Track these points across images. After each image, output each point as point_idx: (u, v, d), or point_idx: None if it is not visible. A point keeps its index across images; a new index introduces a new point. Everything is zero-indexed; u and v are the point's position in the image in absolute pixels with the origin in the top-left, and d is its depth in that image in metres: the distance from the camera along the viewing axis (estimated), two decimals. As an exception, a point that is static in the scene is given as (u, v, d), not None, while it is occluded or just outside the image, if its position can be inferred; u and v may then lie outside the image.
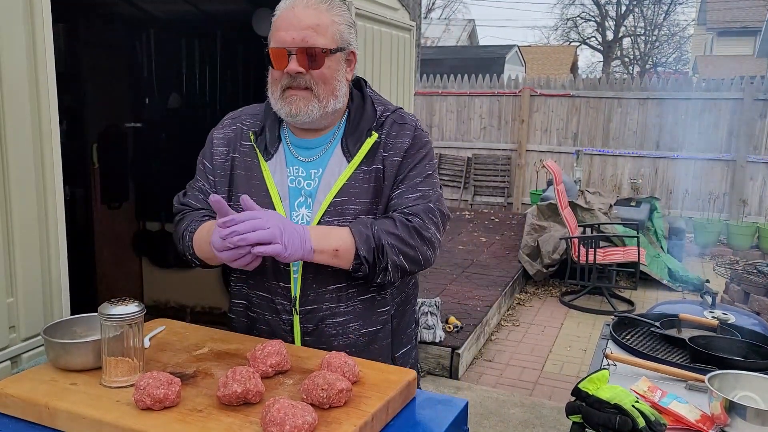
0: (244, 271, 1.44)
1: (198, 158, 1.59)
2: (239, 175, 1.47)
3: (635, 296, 5.85)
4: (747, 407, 1.53)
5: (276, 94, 1.42)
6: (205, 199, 1.49)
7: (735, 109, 8.20)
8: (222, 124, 1.58)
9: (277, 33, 1.40)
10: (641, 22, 28.21)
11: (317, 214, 1.41)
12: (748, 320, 2.56)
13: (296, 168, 1.46)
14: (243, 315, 1.52)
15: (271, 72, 1.43)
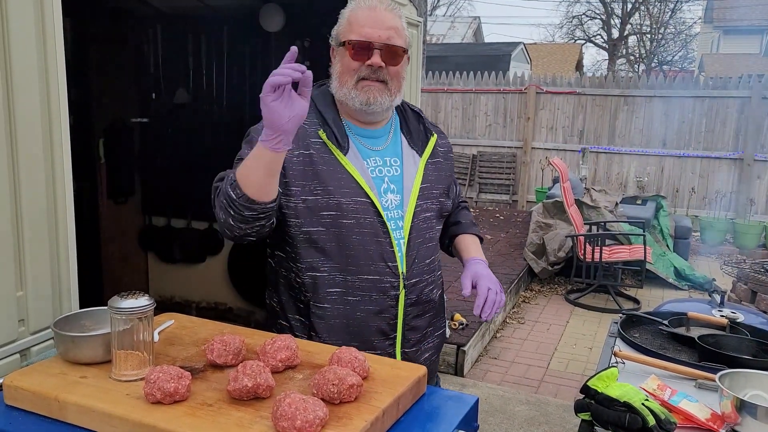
0: (342, 260, 1.52)
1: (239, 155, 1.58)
2: (323, 171, 1.51)
3: (641, 295, 5.84)
4: (758, 406, 1.52)
5: (349, 84, 1.53)
6: None
7: (742, 107, 8.16)
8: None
9: (360, 29, 1.51)
10: (647, 20, 28.10)
11: (411, 198, 1.58)
12: (756, 319, 2.55)
13: (373, 159, 1.58)
14: (339, 302, 1.54)
15: (345, 63, 1.53)
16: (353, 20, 1.53)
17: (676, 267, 6.19)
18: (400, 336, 1.60)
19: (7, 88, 1.52)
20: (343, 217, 1.50)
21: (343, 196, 1.50)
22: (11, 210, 1.55)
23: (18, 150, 1.55)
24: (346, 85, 1.53)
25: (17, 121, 1.54)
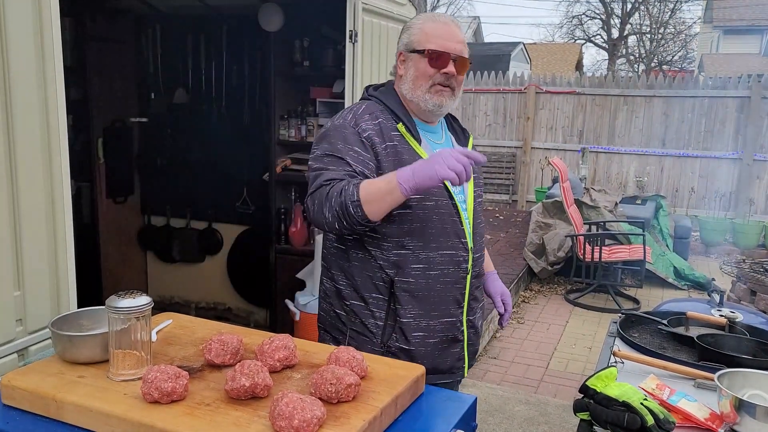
0: (425, 238, 1.70)
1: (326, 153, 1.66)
2: (407, 160, 1.67)
3: (640, 294, 5.84)
4: (756, 405, 1.51)
5: (423, 87, 1.72)
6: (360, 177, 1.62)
7: (742, 107, 8.16)
8: (357, 118, 1.71)
9: (437, 40, 1.71)
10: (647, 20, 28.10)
11: (469, 184, 1.82)
12: (756, 319, 2.55)
13: (438, 149, 1.74)
14: (422, 276, 1.71)
15: (422, 69, 1.71)
16: (429, 32, 1.72)
17: (675, 267, 6.18)
18: (466, 305, 1.81)
19: (5, 88, 1.52)
20: (426, 200, 1.68)
21: None
22: (9, 210, 1.55)
23: (16, 150, 1.55)
24: (420, 88, 1.72)
25: (15, 121, 1.54)
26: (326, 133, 1.71)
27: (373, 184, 1.54)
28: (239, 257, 4.33)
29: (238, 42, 4.05)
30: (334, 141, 1.67)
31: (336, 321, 1.79)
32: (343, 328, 1.77)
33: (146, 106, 4.30)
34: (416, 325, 1.72)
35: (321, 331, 1.88)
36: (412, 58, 1.73)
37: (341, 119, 1.73)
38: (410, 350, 1.71)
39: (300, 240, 3.92)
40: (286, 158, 3.89)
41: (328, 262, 1.81)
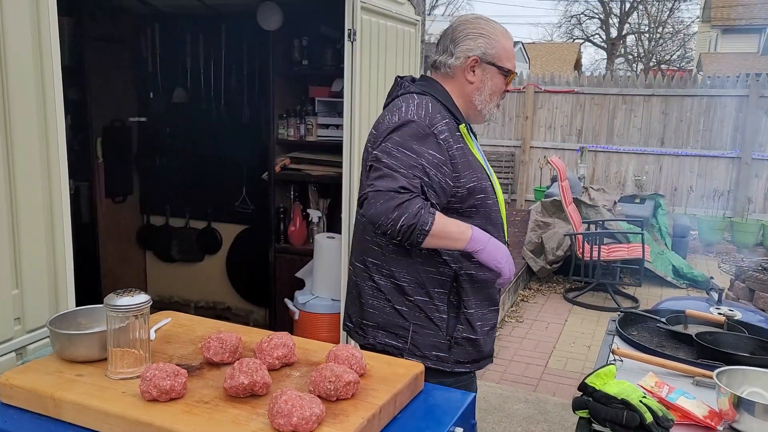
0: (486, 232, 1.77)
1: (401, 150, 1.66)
2: (472, 160, 1.77)
3: (639, 293, 5.84)
4: (755, 403, 1.51)
5: (494, 102, 1.84)
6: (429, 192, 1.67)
7: (740, 106, 8.16)
8: (431, 117, 1.72)
9: (512, 61, 1.82)
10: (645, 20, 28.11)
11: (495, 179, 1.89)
12: (754, 317, 2.55)
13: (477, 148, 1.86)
14: (481, 269, 1.78)
15: (498, 86, 1.82)
16: (508, 50, 1.81)
17: (674, 265, 6.19)
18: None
19: (3, 88, 1.52)
20: (488, 198, 1.79)
21: (485, 181, 1.78)
22: (7, 208, 1.55)
23: (14, 149, 1.55)
24: (492, 102, 1.83)
25: (13, 121, 1.54)
26: (401, 126, 1.69)
27: (447, 225, 1.63)
28: (238, 257, 4.33)
29: (237, 41, 4.05)
30: (410, 139, 1.66)
31: (395, 317, 1.79)
32: (405, 323, 1.78)
33: (145, 105, 4.29)
34: (480, 315, 1.83)
35: (370, 329, 1.84)
36: (489, 70, 1.79)
37: (414, 115, 1.70)
38: (476, 339, 1.82)
39: (299, 239, 3.92)
40: (285, 157, 3.89)
41: (382, 260, 1.80)
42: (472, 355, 1.84)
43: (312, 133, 3.79)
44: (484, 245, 1.67)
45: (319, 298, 3.41)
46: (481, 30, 1.79)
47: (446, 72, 1.82)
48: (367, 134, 3.03)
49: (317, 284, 3.45)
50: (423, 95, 1.78)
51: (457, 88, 1.81)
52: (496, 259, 1.69)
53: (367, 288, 1.82)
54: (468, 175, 1.74)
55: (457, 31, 1.80)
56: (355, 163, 2.96)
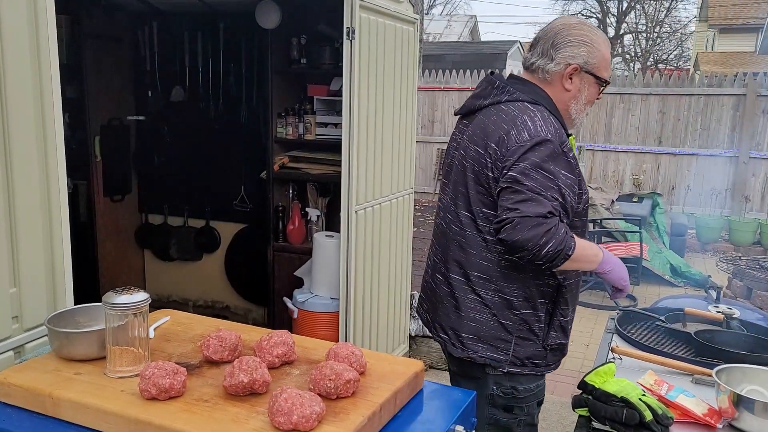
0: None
1: (540, 172, 1.64)
2: (579, 173, 1.76)
3: (637, 292, 5.84)
4: (755, 401, 1.52)
5: (582, 111, 1.82)
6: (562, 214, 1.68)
7: (737, 105, 8.17)
8: (557, 138, 1.69)
9: (607, 61, 1.79)
10: (642, 19, 28.14)
11: None
12: (752, 315, 2.55)
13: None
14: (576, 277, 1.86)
15: (593, 95, 1.81)
16: (607, 60, 1.78)
17: (672, 264, 6.19)
18: None
19: (1, 86, 1.51)
20: (588, 208, 1.84)
21: (586, 191, 1.80)
22: (5, 207, 1.54)
23: (11, 147, 1.54)
24: (583, 111, 1.82)
25: (10, 119, 1.53)
26: (537, 145, 1.65)
27: (585, 249, 1.68)
28: (237, 255, 4.32)
29: (235, 40, 4.04)
30: (547, 160, 1.64)
31: (499, 331, 1.78)
32: (508, 337, 1.78)
33: (143, 104, 4.28)
34: (570, 320, 1.89)
35: (470, 342, 1.80)
36: (587, 80, 1.76)
37: (547, 133, 1.67)
38: (566, 344, 1.89)
39: (298, 238, 3.92)
40: (284, 156, 3.89)
41: (491, 276, 1.77)
42: (558, 357, 1.90)
43: (311, 131, 3.78)
44: (612, 266, 1.73)
45: (318, 297, 3.41)
46: (584, 37, 1.74)
47: (543, 77, 1.77)
48: (365, 132, 3.05)
49: (316, 283, 3.44)
50: (536, 105, 1.74)
51: (555, 94, 1.78)
52: (623, 278, 1.75)
53: (468, 302, 1.79)
54: (585, 189, 1.78)
55: (560, 36, 1.74)
56: (353, 162, 2.95)
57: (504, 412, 1.84)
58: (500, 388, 1.81)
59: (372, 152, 3.14)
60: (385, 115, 3.24)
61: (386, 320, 3.52)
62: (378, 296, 3.36)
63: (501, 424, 1.84)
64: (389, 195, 3.40)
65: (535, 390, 1.85)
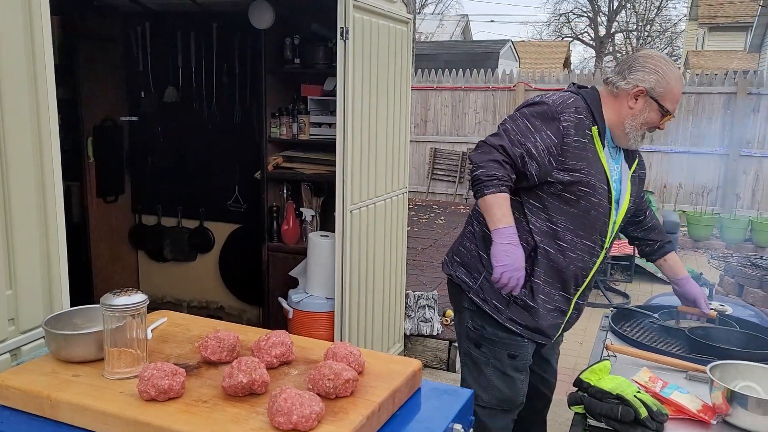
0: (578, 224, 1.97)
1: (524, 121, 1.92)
2: (589, 157, 1.93)
3: (630, 289, 5.88)
4: (748, 396, 1.53)
5: (641, 131, 1.98)
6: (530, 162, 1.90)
7: (728, 103, 8.23)
8: (565, 107, 1.93)
9: (675, 103, 1.96)
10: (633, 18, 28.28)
11: (626, 197, 2.05)
12: (744, 311, 2.58)
13: (611, 161, 2.01)
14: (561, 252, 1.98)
15: (651, 119, 1.96)
16: (675, 93, 1.93)
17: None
18: (581, 290, 2.08)
19: (-4, 86, 1.51)
20: (593, 196, 1.93)
21: (598, 181, 1.93)
22: (1, 209, 1.54)
23: (7, 149, 1.54)
24: (640, 130, 1.97)
25: (5, 120, 1.53)
26: (535, 104, 1.94)
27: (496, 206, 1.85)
28: (231, 256, 4.32)
29: (229, 40, 4.03)
30: (537, 116, 1.91)
31: (476, 262, 2.06)
32: (481, 269, 2.05)
33: (136, 104, 4.27)
34: (543, 289, 2.00)
35: (455, 264, 2.14)
36: (650, 104, 1.94)
37: (551, 100, 1.94)
38: (534, 308, 2.01)
39: (292, 238, 3.92)
40: (278, 156, 3.88)
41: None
42: (526, 320, 2.03)
43: (305, 131, 3.78)
44: (499, 242, 1.85)
45: (314, 297, 3.41)
46: (658, 68, 1.91)
47: (612, 90, 1.97)
48: (359, 132, 3.06)
49: (311, 283, 3.44)
50: (574, 94, 1.99)
51: (617, 107, 1.97)
52: (497, 259, 1.84)
53: (467, 231, 2.13)
54: (578, 165, 1.91)
55: (638, 61, 1.95)
56: (348, 162, 2.96)
57: (475, 348, 2.11)
58: (473, 323, 2.09)
59: (366, 152, 3.15)
60: (379, 115, 3.25)
61: (381, 320, 3.52)
62: (373, 296, 3.37)
63: (472, 358, 2.13)
64: (383, 194, 3.40)
65: (505, 340, 2.05)
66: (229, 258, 4.32)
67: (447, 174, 9.82)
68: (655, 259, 2.33)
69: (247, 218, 4.17)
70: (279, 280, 3.90)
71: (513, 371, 2.09)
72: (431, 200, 9.68)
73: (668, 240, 2.35)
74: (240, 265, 4.26)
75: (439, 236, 7.18)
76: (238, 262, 4.27)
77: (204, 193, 4.26)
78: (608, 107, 1.98)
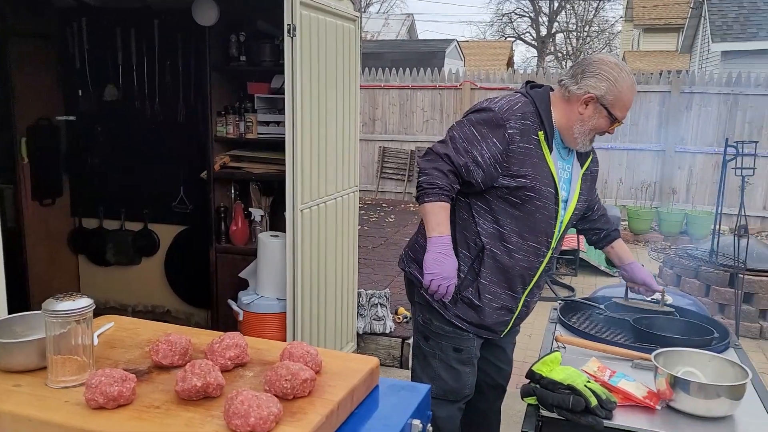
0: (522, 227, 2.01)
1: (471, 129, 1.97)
2: (535, 162, 1.96)
3: (575, 282, 6.04)
4: (690, 381, 1.60)
5: (586, 134, 2.01)
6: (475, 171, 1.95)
7: (663, 101, 8.56)
8: (511, 113, 1.96)
9: (623, 109, 1.98)
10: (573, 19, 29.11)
11: (574, 197, 2.09)
12: (684, 301, 2.69)
13: (561, 162, 2.05)
14: (507, 254, 2.03)
15: (599, 125, 1.99)
16: (625, 102, 1.96)
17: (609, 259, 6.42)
18: (529, 288, 2.13)
19: None
20: (538, 199, 1.98)
21: (543, 185, 1.97)
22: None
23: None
24: (588, 135, 2.01)
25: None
26: (482, 110, 1.99)
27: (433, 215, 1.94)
28: (177, 258, 4.21)
29: (172, 37, 3.93)
30: (482, 122, 1.96)
31: None
32: None
33: (74, 103, 4.11)
34: (489, 289, 2.06)
35: (409, 260, 2.20)
36: (600, 111, 1.96)
37: (498, 106, 1.98)
38: (480, 307, 2.06)
39: (241, 239, 3.85)
40: (225, 155, 3.81)
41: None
42: (471, 317, 2.09)
43: (252, 130, 3.72)
44: (431, 251, 1.93)
45: (264, 298, 3.36)
46: (610, 75, 1.94)
47: (565, 94, 2.00)
48: (309, 130, 3.03)
49: (262, 284, 3.39)
50: (525, 96, 2.03)
51: (567, 111, 2.00)
52: (427, 268, 1.94)
53: (422, 229, 2.12)
54: (522, 171, 1.96)
55: (591, 67, 1.97)
56: (298, 160, 2.93)
57: (424, 340, 2.18)
58: (422, 316, 2.16)
59: (316, 150, 3.13)
60: (328, 113, 3.23)
61: (334, 319, 3.51)
62: (325, 295, 3.35)
63: (421, 350, 2.19)
64: (334, 193, 3.39)
65: (451, 334, 2.11)
66: (176, 260, 4.22)
67: (396, 172, 9.87)
68: (603, 246, 2.42)
69: (194, 219, 4.08)
70: (228, 282, 3.83)
71: (458, 364, 2.14)
72: (381, 199, 9.70)
73: (614, 228, 2.42)
74: (187, 267, 4.16)
75: (389, 234, 7.21)
76: (184, 264, 4.18)
77: (148, 194, 4.14)
78: (559, 110, 2.01)
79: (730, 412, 1.60)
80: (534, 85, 2.10)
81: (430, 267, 1.93)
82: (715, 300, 4.77)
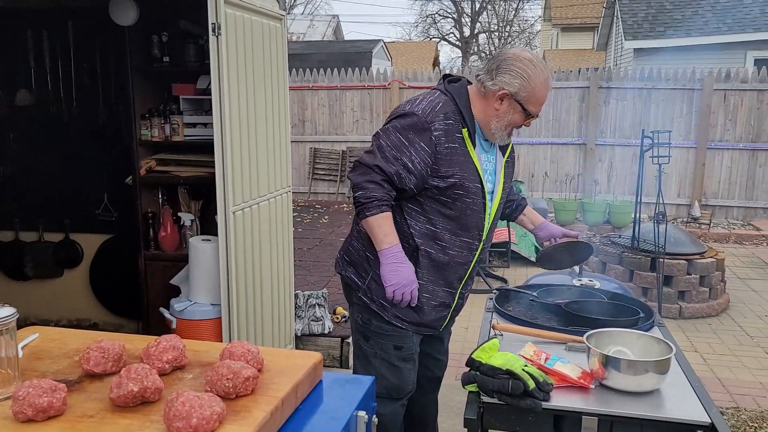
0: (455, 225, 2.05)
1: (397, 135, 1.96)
2: (461, 161, 1.99)
3: (508, 273, 6.20)
4: (620, 359, 1.67)
5: (503, 129, 2.03)
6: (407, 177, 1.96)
7: (582, 97, 8.92)
8: (432, 118, 1.97)
9: (537, 104, 2.00)
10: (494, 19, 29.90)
11: (499, 187, 2.14)
12: (610, 285, 2.81)
13: (484, 155, 2.08)
14: (442, 252, 2.06)
15: (514, 119, 2.01)
16: (539, 98, 1.98)
17: (536, 246, 6.64)
18: (464, 281, 2.17)
19: None
20: (467, 196, 2.01)
21: (470, 182, 2.01)
22: None
23: None
24: (505, 130, 2.03)
25: None
26: (405, 116, 1.99)
27: (379, 227, 1.95)
28: (103, 268, 4.04)
29: (89, 38, 3.77)
30: (408, 129, 1.96)
31: (364, 261, 2.12)
32: (368, 269, 2.11)
33: (-18, 109, 3.87)
34: (429, 288, 2.08)
35: (345, 264, 2.21)
36: (514, 106, 1.98)
37: (420, 109, 1.98)
38: (419, 306, 2.08)
39: (171, 244, 3.73)
40: (151, 159, 3.68)
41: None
42: (410, 317, 2.11)
43: (178, 132, 3.62)
44: (385, 264, 1.97)
45: (198, 304, 3.27)
46: (524, 72, 1.95)
47: (481, 89, 2.02)
48: (238, 131, 2.98)
49: (195, 290, 3.30)
50: (445, 94, 2.03)
51: (484, 106, 2.02)
52: (386, 279, 1.98)
53: (354, 231, 2.18)
54: (450, 171, 1.98)
55: (505, 63, 1.97)
56: (227, 162, 2.87)
57: (364, 340, 2.19)
58: (361, 317, 2.17)
59: (246, 151, 3.07)
60: (257, 112, 3.18)
61: (271, 322, 3.46)
62: (261, 298, 3.29)
63: (362, 350, 2.20)
64: (267, 194, 3.34)
65: (390, 332, 2.13)
66: (102, 271, 4.05)
67: (328, 173, 9.82)
68: (516, 216, 2.48)
69: (120, 227, 3.93)
70: (159, 290, 3.70)
71: (399, 361, 2.16)
72: (314, 200, 9.64)
73: (522, 197, 2.49)
74: (114, 277, 4.00)
75: (324, 235, 7.17)
76: (111, 274, 4.01)
77: (69, 202, 3.95)
78: (477, 106, 2.03)
79: (658, 385, 1.69)
80: (451, 80, 2.10)
81: (389, 279, 1.97)
82: (638, 284, 5.02)
